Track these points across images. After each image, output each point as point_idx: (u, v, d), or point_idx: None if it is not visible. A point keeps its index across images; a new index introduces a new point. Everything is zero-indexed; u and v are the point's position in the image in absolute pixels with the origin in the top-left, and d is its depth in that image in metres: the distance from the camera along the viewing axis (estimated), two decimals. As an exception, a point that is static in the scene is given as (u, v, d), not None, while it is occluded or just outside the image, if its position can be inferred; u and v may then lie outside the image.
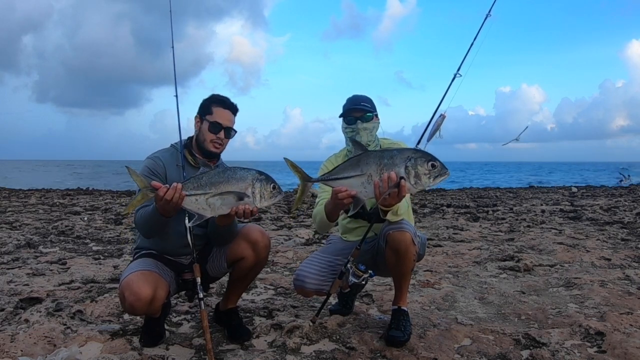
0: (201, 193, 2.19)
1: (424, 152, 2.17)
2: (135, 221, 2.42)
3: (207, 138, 2.54)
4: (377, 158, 2.16)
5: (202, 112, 2.58)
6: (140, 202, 2.22)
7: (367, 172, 2.16)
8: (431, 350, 2.53)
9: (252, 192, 2.20)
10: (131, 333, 2.75)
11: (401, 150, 2.18)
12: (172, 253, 2.58)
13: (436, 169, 2.11)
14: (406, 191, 2.13)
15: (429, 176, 2.12)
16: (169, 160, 2.54)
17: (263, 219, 7.94)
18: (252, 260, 2.60)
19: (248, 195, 2.19)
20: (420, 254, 2.74)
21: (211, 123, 2.53)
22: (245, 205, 2.20)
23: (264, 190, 2.21)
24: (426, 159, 2.12)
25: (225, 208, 2.21)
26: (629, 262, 4.59)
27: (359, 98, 2.77)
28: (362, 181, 2.18)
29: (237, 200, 2.20)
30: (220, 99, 2.60)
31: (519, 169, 74.36)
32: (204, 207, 2.20)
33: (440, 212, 9.21)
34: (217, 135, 2.55)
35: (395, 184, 2.10)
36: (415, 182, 2.12)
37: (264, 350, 2.54)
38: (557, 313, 3.12)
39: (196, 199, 2.19)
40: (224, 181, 2.20)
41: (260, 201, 2.21)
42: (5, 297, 3.24)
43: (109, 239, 6.08)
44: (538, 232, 6.49)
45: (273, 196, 2.24)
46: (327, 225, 2.61)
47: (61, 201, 11.39)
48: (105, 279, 3.91)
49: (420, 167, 2.11)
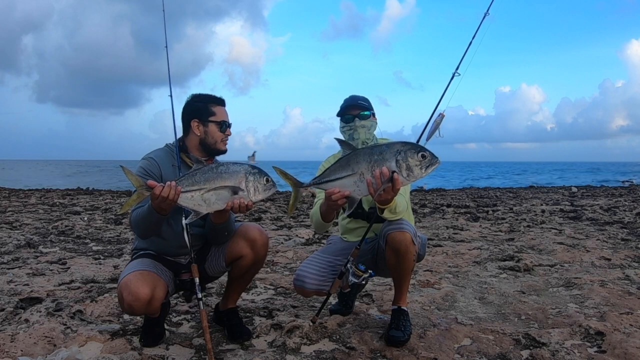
0: (196, 189, 2.19)
1: (413, 144, 2.17)
2: (131, 221, 2.41)
3: (218, 138, 2.56)
4: (367, 155, 2.15)
5: (201, 115, 2.54)
6: (136, 201, 2.21)
7: (358, 171, 2.16)
8: (431, 350, 2.53)
9: (246, 185, 2.21)
10: (131, 333, 2.75)
11: (390, 145, 2.17)
12: (171, 253, 2.58)
13: (427, 159, 2.11)
14: (400, 184, 2.13)
15: (420, 167, 2.12)
16: (163, 160, 2.53)
17: (263, 219, 7.94)
18: (251, 258, 2.60)
19: (242, 189, 2.20)
20: (421, 255, 2.74)
21: (219, 123, 2.54)
22: (240, 199, 2.20)
23: (258, 184, 2.22)
24: (416, 150, 2.12)
25: (220, 203, 2.21)
26: (629, 262, 4.59)
27: (356, 97, 2.79)
28: (355, 180, 2.17)
29: (231, 194, 2.20)
30: (213, 98, 2.59)
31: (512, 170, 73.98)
32: (199, 203, 2.20)
33: (440, 212, 9.21)
34: (225, 133, 2.58)
35: (388, 179, 2.10)
36: (408, 175, 2.12)
37: (264, 350, 2.54)
38: (557, 313, 3.12)
39: (192, 195, 2.19)
40: (217, 176, 2.21)
41: (254, 194, 2.23)
42: (5, 297, 3.24)
43: (109, 239, 6.08)
44: (538, 232, 6.49)
45: (267, 189, 2.25)
46: (323, 225, 2.63)
47: (61, 201, 11.40)
48: (105, 278, 3.91)
49: (411, 159, 2.11)
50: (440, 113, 2.83)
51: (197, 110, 2.56)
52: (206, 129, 2.54)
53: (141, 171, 2.47)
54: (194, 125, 2.54)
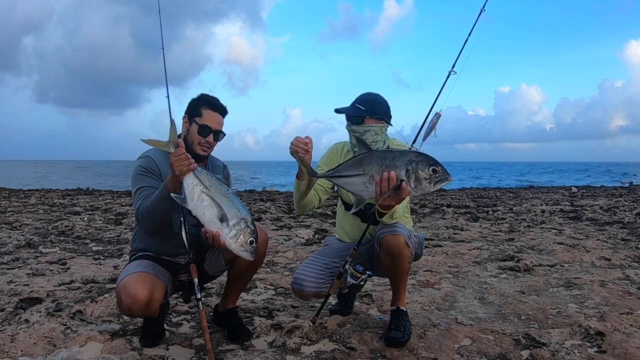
0: (204, 184, 2.23)
1: (426, 157, 2.15)
2: (138, 215, 2.40)
3: (195, 141, 2.51)
4: (380, 159, 2.16)
5: (191, 113, 2.54)
6: (161, 146, 2.34)
7: (369, 172, 2.17)
8: (431, 350, 2.53)
9: (234, 225, 2.20)
10: (131, 333, 2.75)
11: (404, 153, 2.18)
12: (169, 253, 2.58)
13: (437, 174, 2.10)
14: (407, 194, 2.13)
15: (429, 181, 2.11)
16: (160, 158, 2.52)
17: (263, 219, 7.94)
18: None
19: (229, 224, 2.19)
20: (418, 254, 2.74)
21: (200, 126, 2.49)
22: (217, 231, 2.19)
23: (242, 235, 2.21)
24: (427, 164, 2.11)
25: (205, 212, 2.21)
26: (629, 262, 4.59)
27: (357, 99, 2.72)
28: (364, 181, 2.19)
29: (218, 217, 2.20)
30: (210, 101, 2.55)
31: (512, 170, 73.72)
32: (193, 195, 2.22)
33: (440, 212, 9.20)
34: (205, 138, 2.51)
35: (396, 186, 2.10)
36: (416, 186, 2.12)
37: (264, 350, 2.54)
38: (557, 313, 3.12)
39: (197, 183, 2.22)
40: (225, 196, 2.24)
41: (232, 238, 2.19)
42: (5, 297, 3.24)
43: (109, 239, 6.08)
44: (538, 232, 6.49)
45: (244, 247, 2.21)
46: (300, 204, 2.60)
47: (61, 201, 11.39)
48: (105, 279, 3.91)
49: (421, 171, 2.10)
50: (437, 113, 2.81)
51: (191, 106, 2.56)
52: (189, 127, 2.53)
53: (141, 170, 2.47)
54: (184, 120, 2.56)
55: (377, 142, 2.68)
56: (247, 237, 2.21)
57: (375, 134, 2.66)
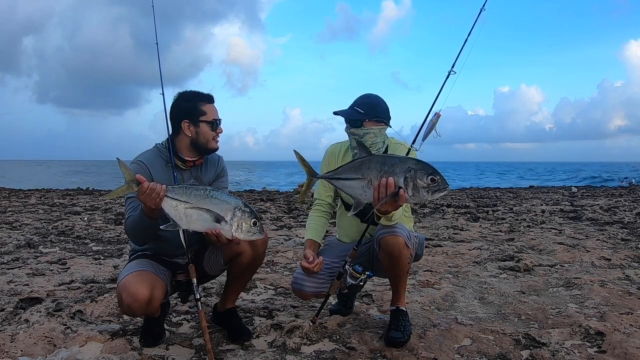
0: (183, 200, 2.16)
1: (426, 165, 2.14)
2: (126, 229, 2.43)
3: (210, 137, 2.53)
4: (379, 164, 2.15)
5: (191, 115, 2.50)
6: (123, 191, 2.20)
7: (367, 177, 2.17)
8: (431, 350, 2.53)
9: (231, 218, 2.16)
10: (131, 333, 2.75)
11: (403, 160, 2.17)
12: (168, 254, 2.58)
13: (435, 183, 2.09)
14: (404, 201, 2.13)
15: (427, 190, 2.10)
16: (153, 162, 2.50)
17: (263, 219, 7.94)
18: (250, 255, 2.58)
19: (226, 220, 2.16)
20: (418, 254, 2.74)
21: (210, 122, 2.51)
22: (219, 230, 2.17)
23: (243, 222, 2.17)
24: (426, 173, 2.10)
25: (200, 224, 2.18)
26: (629, 262, 4.59)
27: (356, 101, 2.70)
28: (362, 185, 2.19)
29: (213, 221, 2.17)
30: (201, 96, 2.55)
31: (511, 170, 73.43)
32: (180, 216, 2.17)
33: (440, 212, 9.20)
34: (217, 131, 2.56)
35: (393, 193, 2.10)
36: (413, 194, 2.11)
37: (264, 350, 2.54)
38: (557, 313, 3.12)
39: (176, 204, 2.17)
40: (207, 198, 2.18)
41: (236, 230, 2.17)
42: (5, 297, 3.24)
43: (109, 239, 6.08)
44: (538, 232, 6.49)
45: (250, 232, 2.19)
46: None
47: (61, 201, 11.39)
48: (105, 279, 3.91)
49: (420, 180, 2.09)
50: (437, 113, 2.81)
51: (186, 110, 2.51)
52: (197, 129, 2.50)
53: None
54: (185, 126, 2.50)
55: (377, 143, 2.68)
56: (248, 222, 2.18)
57: (375, 136, 2.66)
